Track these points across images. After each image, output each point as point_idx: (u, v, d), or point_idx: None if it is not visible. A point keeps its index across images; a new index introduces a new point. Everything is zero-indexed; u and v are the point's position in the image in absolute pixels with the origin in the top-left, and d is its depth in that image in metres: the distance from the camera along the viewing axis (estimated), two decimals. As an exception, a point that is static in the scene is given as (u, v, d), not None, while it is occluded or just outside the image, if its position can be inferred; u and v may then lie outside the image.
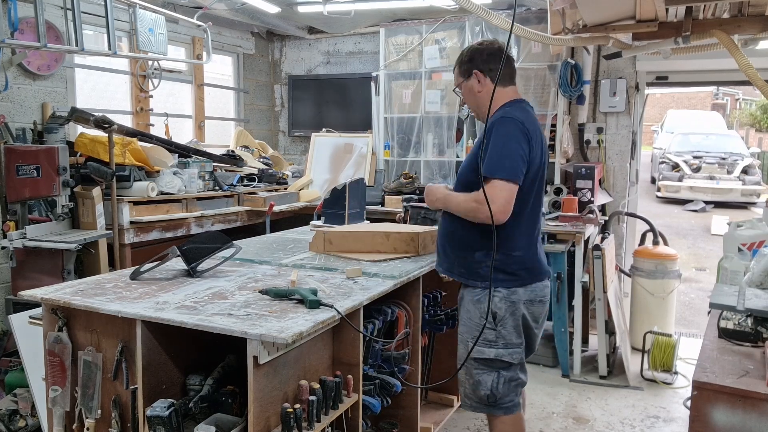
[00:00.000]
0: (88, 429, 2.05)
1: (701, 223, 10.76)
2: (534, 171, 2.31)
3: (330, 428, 2.05)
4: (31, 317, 2.71)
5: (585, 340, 4.48)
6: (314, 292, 2.04)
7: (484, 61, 2.39)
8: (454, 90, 2.54)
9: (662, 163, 13.14)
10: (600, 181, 4.88)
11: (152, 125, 4.92)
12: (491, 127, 2.26)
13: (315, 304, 1.96)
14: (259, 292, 2.13)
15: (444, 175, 5.36)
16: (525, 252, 2.37)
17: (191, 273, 2.40)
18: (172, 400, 1.87)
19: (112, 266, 3.73)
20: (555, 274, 4.02)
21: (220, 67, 6.01)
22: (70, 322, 2.08)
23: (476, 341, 2.34)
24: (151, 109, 4.95)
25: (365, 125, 5.83)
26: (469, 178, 2.34)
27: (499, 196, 2.18)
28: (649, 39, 3.04)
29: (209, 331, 1.79)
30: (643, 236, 4.75)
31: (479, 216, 2.23)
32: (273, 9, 5.14)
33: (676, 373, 4.11)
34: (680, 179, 12.49)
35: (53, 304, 2.06)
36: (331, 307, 1.95)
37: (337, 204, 3.77)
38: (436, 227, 3.33)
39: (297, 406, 1.87)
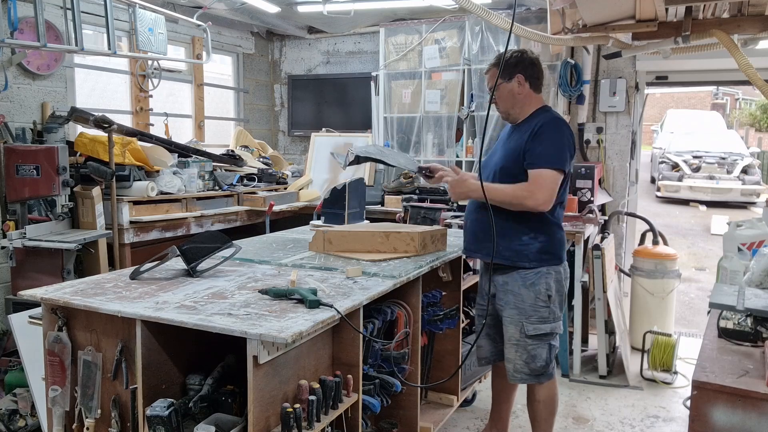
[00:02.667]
0: (87, 429, 2.05)
1: (701, 223, 10.77)
2: (570, 168, 2.68)
3: (330, 428, 2.05)
4: (30, 317, 2.71)
5: (585, 340, 4.48)
6: (314, 292, 2.04)
7: (527, 68, 2.68)
8: (490, 88, 2.71)
9: (662, 162, 13.14)
10: (600, 180, 4.88)
11: (152, 125, 4.92)
12: (543, 125, 2.59)
13: (315, 304, 1.96)
14: (259, 291, 2.12)
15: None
16: (561, 234, 2.72)
17: (191, 273, 2.40)
18: (172, 400, 1.87)
19: (112, 266, 3.73)
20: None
21: (219, 67, 6.01)
22: (70, 322, 2.07)
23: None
24: (151, 109, 4.95)
25: (365, 125, 5.83)
26: (514, 170, 2.61)
27: (550, 185, 2.52)
28: (648, 39, 3.04)
29: (209, 331, 1.79)
30: (643, 236, 4.75)
31: (527, 204, 2.53)
32: (273, 9, 5.14)
33: (675, 372, 4.11)
34: (680, 179, 12.50)
35: (53, 304, 2.06)
36: (331, 306, 1.95)
37: (337, 204, 3.77)
38: (435, 227, 3.33)
39: (297, 405, 1.87)
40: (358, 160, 2.90)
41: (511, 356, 2.72)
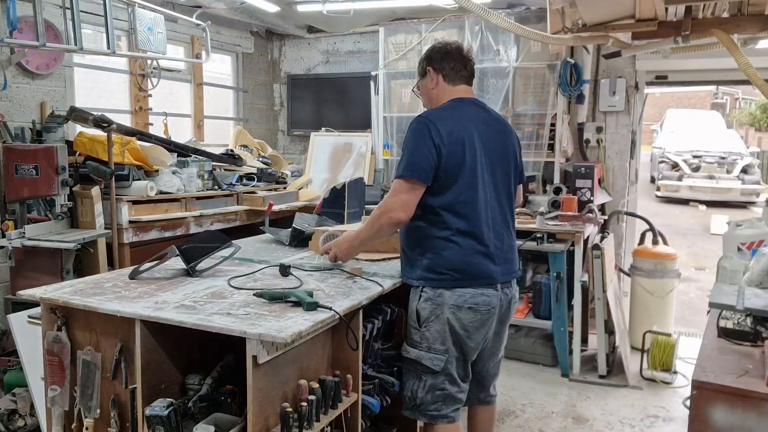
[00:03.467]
0: (87, 428, 2.05)
1: (701, 223, 10.77)
2: (457, 170, 2.22)
3: (329, 428, 2.05)
4: (29, 317, 2.71)
5: (584, 340, 4.48)
6: (310, 294, 2.02)
7: (438, 60, 2.37)
8: (412, 90, 2.52)
9: (662, 162, 13.14)
10: (599, 180, 4.88)
11: (151, 124, 4.91)
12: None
13: (312, 307, 1.93)
14: (254, 295, 2.08)
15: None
16: (458, 253, 2.24)
17: (190, 272, 2.40)
18: (171, 400, 1.87)
19: (111, 266, 3.73)
20: (555, 273, 4.02)
21: (219, 66, 6.00)
22: (69, 322, 2.07)
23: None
24: (150, 109, 4.94)
25: (364, 124, 5.82)
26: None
27: (396, 197, 2.21)
28: (648, 38, 3.04)
29: (208, 331, 1.79)
30: (643, 235, 4.74)
31: (382, 222, 2.24)
32: (272, 8, 5.13)
33: (675, 372, 4.11)
34: (680, 179, 12.50)
35: (52, 304, 2.05)
36: (329, 309, 1.94)
37: (337, 203, 3.76)
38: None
39: (303, 404, 1.87)
40: None
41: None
